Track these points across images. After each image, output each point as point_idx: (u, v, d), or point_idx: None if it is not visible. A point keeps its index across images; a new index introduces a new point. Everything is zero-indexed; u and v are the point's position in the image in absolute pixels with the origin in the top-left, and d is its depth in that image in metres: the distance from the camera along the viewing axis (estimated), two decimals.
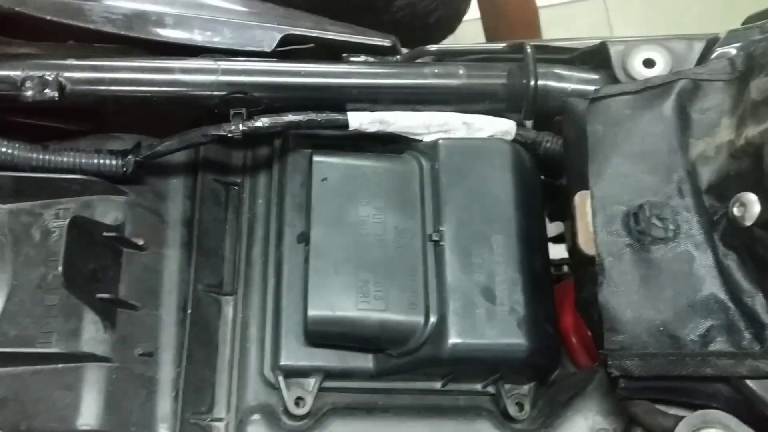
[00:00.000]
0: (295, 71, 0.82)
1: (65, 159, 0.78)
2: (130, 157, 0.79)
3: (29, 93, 0.76)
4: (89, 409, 0.71)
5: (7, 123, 0.81)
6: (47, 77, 0.76)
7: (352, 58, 0.86)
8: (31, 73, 0.76)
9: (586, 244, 0.68)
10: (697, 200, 0.66)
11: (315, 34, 0.86)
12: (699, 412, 0.63)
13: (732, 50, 0.77)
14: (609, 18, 2.44)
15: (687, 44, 0.81)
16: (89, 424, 0.71)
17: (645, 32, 0.84)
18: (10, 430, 0.70)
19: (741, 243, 0.63)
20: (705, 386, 0.63)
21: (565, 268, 1.11)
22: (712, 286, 0.63)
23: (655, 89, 0.71)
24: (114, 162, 0.79)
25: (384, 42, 0.87)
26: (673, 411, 0.66)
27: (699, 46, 0.81)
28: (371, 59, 0.86)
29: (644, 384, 0.64)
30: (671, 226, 0.65)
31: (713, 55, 0.79)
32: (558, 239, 0.96)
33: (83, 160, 0.78)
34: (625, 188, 0.67)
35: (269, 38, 0.84)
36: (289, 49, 0.85)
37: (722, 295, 0.63)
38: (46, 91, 0.76)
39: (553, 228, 0.95)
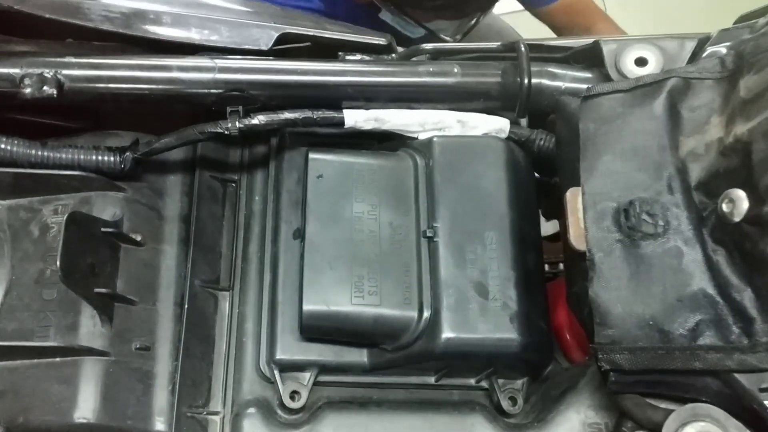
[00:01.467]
0: (291, 69, 0.83)
1: (64, 155, 0.79)
2: (128, 153, 0.80)
3: (28, 90, 0.76)
4: (86, 403, 0.72)
5: (6, 120, 0.82)
6: (46, 75, 0.77)
7: (348, 57, 0.87)
8: (30, 70, 0.77)
9: (576, 239, 0.69)
10: (687, 197, 0.66)
11: (311, 33, 0.86)
12: (688, 406, 0.64)
13: (722, 49, 0.78)
14: None
15: (679, 43, 0.82)
16: (86, 417, 0.72)
17: (643, 31, 0.85)
18: (7, 423, 0.71)
19: (729, 239, 0.63)
20: (694, 380, 0.64)
21: (561, 266, 1.11)
22: (701, 281, 0.64)
23: (647, 87, 0.71)
24: (112, 159, 0.80)
25: (380, 40, 0.88)
26: (663, 405, 0.66)
27: (690, 45, 0.82)
28: (367, 58, 0.87)
29: (635, 378, 0.65)
30: (661, 222, 0.66)
31: (704, 54, 0.80)
32: (554, 238, 0.96)
33: (82, 157, 0.79)
34: (616, 185, 0.68)
35: (266, 37, 0.84)
36: (285, 48, 0.85)
37: (711, 290, 0.63)
38: (45, 88, 0.77)
39: (549, 227, 0.95)
